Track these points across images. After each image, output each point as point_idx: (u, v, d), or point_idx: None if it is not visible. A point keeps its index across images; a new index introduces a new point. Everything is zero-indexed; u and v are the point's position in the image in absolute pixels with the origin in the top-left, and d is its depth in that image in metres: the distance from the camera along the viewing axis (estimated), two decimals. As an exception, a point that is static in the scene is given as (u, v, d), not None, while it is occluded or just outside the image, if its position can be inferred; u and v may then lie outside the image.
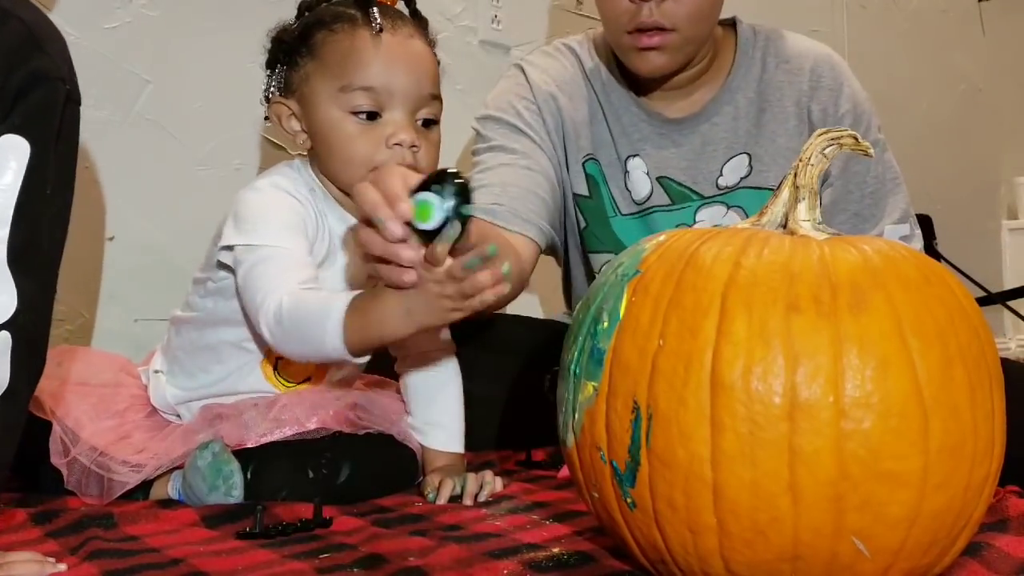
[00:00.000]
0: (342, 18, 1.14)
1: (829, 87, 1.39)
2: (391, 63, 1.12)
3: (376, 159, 1.11)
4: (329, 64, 1.13)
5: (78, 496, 1.12)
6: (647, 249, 0.77)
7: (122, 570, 0.84)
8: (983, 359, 0.71)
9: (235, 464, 1.07)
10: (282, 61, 1.18)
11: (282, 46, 1.18)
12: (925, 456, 0.66)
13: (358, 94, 1.11)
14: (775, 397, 0.66)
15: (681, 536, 0.70)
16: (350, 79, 1.11)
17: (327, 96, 1.13)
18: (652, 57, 1.29)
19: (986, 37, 3.05)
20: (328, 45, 1.14)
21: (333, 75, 1.13)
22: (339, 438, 1.13)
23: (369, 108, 1.11)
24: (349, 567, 0.83)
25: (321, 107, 1.13)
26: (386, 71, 1.12)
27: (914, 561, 0.69)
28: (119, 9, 1.56)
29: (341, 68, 1.12)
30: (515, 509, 1.03)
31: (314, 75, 1.14)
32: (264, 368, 1.18)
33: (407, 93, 1.12)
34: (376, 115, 1.12)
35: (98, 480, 1.12)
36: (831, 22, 2.61)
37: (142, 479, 1.11)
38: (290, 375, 1.18)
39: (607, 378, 0.73)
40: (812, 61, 1.40)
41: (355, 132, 1.12)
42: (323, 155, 1.15)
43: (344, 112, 1.12)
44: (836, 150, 0.78)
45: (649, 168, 1.39)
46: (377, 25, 1.12)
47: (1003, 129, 3.13)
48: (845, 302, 0.68)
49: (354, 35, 1.13)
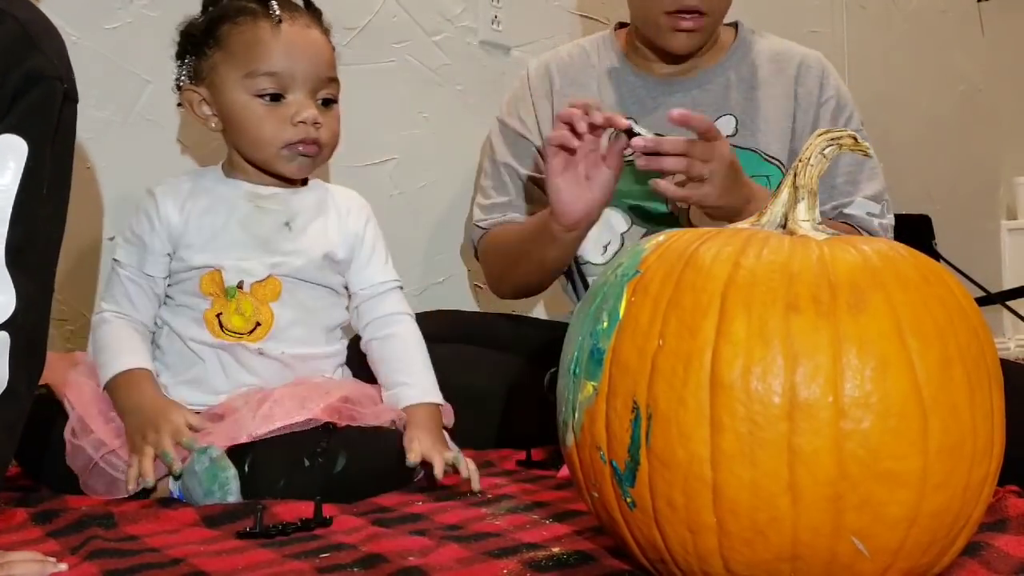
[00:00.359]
0: (244, 11, 1.25)
1: (816, 75, 1.49)
2: (291, 50, 1.24)
3: (283, 137, 1.25)
4: (235, 53, 1.24)
5: (80, 484, 1.14)
6: (647, 249, 0.77)
7: (122, 570, 0.84)
8: (982, 359, 0.71)
9: (232, 471, 1.09)
10: (191, 52, 1.29)
11: (190, 38, 1.29)
12: (924, 456, 0.66)
13: (262, 79, 1.23)
14: (774, 397, 0.66)
15: (681, 536, 0.70)
16: (254, 66, 1.23)
17: (234, 82, 1.24)
18: (687, 38, 1.42)
19: (985, 37, 3.04)
20: (233, 36, 1.25)
21: (238, 63, 1.24)
22: (333, 430, 1.14)
23: (273, 91, 1.24)
24: (349, 567, 0.83)
25: (229, 93, 1.25)
26: (287, 57, 1.24)
27: (913, 561, 0.69)
28: (119, 9, 1.56)
29: (245, 56, 1.24)
30: (515, 509, 1.03)
31: (221, 64, 1.25)
32: (209, 321, 1.25)
33: (307, 76, 1.25)
34: (280, 97, 1.25)
35: (102, 475, 1.14)
36: (831, 22, 2.61)
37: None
38: (234, 327, 1.24)
39: (607, 378, 0.73)
40: (801, 56, 1.52)
41: (262, 113, 1.24)
42: (234, 136, 1.28)
43: (250, 96, 1.24)
44: (836, 150, 0.78)
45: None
46: (276, 16, 1.24)
47: (1003, 129, 3.12)
48: (844, 302, 0.68)
49: (256, 26, 1.24)
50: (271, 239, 1.28)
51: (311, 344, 1.28)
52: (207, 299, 1.25)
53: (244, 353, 1.24)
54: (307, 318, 1.28)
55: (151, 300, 1.28)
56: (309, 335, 1.28)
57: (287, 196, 1.32)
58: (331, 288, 1.32)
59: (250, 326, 1.25)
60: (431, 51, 1.88)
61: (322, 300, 1.30)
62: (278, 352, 1.25)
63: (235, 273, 1.25)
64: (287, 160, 1.27)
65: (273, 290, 1.26)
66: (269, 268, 1.26)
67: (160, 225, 1.27)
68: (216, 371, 1.24)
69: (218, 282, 1.25)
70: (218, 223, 1.27)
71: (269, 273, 1.26)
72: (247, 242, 1.26)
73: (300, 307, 1.27)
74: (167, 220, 1.27)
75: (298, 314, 1.27)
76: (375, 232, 1.36)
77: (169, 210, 1.28)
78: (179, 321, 1.26)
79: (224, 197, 1.30)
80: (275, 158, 1.27)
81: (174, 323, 1.27)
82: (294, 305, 1.27)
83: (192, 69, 1.29)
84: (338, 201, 1.35)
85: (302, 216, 1.31)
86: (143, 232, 1.28)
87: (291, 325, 1.26)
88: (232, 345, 1.24)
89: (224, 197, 1.30)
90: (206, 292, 1.25)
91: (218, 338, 1.24)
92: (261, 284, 1.25)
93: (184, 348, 1.26)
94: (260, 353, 1.24)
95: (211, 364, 1.24)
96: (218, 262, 1.25)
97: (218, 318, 1.24)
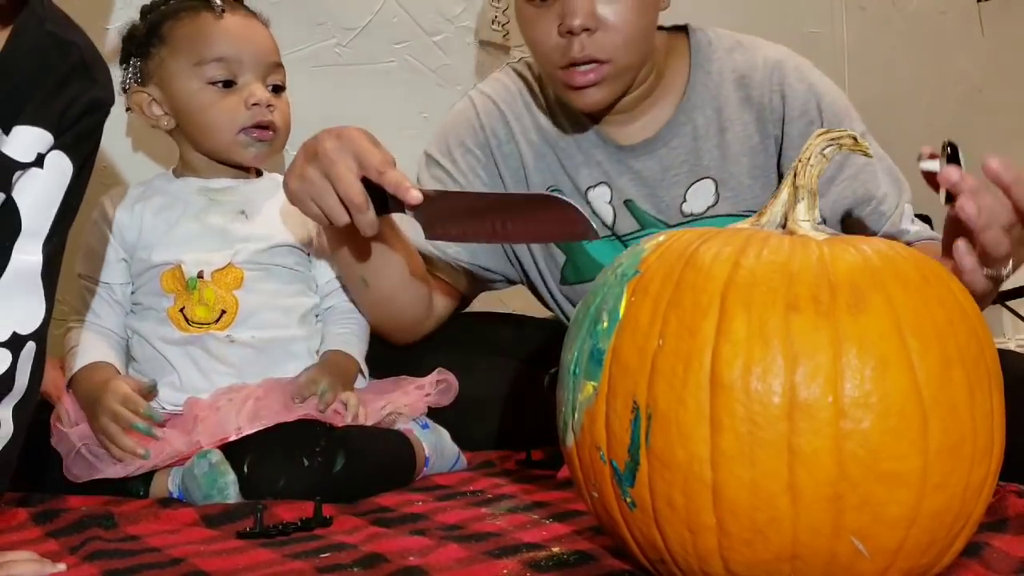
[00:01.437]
0: (185, 8, 1.28)
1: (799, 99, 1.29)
2: (237, 36, 1.27)
3: (238, 120, 1.26)
4: (181, 47, 1.27)
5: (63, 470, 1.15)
6: (646, 250, 0.77)
7: (122, 570, 0.84)
8: (982, 359, 0.71)
9: (231, 476, 1.09)
10: (135, 54, 1.31)
11: (133, 40, 1.31)
12: (924, 456, 0.67)
13: (212, 65, 1.25)
14: (774, 397, 0.66)
15: (680, 536, 0.70)
16: (202, 54, 1.25)
17: (184, 74, 1.26)
18: (589, 93, 1.23)
19: (985, 38, 3.04)
20: (177, 31, 1.27)
21: (186, 54, 1.26)
22: (332, 429, 1.14)
23: (224, 77, 1.26)
24: (349, 567, 0.83)
25: (180, 84, 1.27)
26: (234, 42, 1.27)
27: (913, 561, 0.69)
28: (120, 9, 1.56)
29: (192, 47, 1.26)
30: (515, 509, 1.03)
31: (168, 59, 1.27)
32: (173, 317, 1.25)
33: (256, 60, 1.28)
34: (231, 83, 1.27)
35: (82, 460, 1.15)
36: (831, 22, 2.61)
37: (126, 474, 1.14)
38: (199, 318, 1.25)
39: (606, 378, 0.73)
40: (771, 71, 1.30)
41: (215, 99, 1.26)
42: (188, 128, 1.29)
43: (202, 83, 1.26)
44: (836, 150, 0.78)
45: (612, 196, 1.33)
46: (219, 7, 1.27)
47: (1003, 129, 3.12)
48: (844, 302, 0.68)
49: (199, 18, 1.27)
50: (227, 228, 1.27)
51: (281, 327, 1.27)
52: (169, 296, 1.25)
53: (213, 343, 1.23)
54: (273, 302, 1.27)
55: (112, 308, 1.29)
56: (277, 318, 1.27)
57: (240, 186, 1.32)
58: (296, 271, 1.30)
59: (215, 315, 1.24)
60: (431, 51, 1.87)
61: (288, 286, 1.29)
62: (248, 337, 1.24)
63: (194, 265, 1.24)
64: (243, 146, 1.28)
65: (235, 278, 1.25)
66: (228, 257, 1.25)
67: (111, 231, 1.28)
68: (189, 368, 1.23)
69: (179, 277, 1.24)
70: (172, 219, 1.27)
71: (228, 261, 1.25)
72: (203, 233, 1.27)
73: (264, 293, 1.26)
74: (118, 225, 1.28)
75: (263, 299, 1.26)
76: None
77: (119, 215, 1.29)
78: (145, 325, 1.26)
79: (176, 195, 1.30)
80: (231, 144, 1.28)
81: (141, 328, 1.27)
82: (257, 291, 1.26)
83: (138, 71, 1.31)
84: None
85: (257, 203, 1.30)
86: (95, 241, 1.29)
87: (258, 310, 1.25)
88: (200, 336, 1.23)
89: (176, 195, 1.30)
90: (168, 290, 1.25)
91: (185, 332, 1.24)
92: (221, 272, 1.25)
93: (155, 352, 1.25)
94: (231, 341, 1.23)
95: (183, 361, 1.24)
96: (177, 257, 1.25)
97: (182, 312, 1.24)
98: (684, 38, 1.35)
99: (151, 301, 1.26)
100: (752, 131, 1.31)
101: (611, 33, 1.20)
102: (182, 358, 1.24)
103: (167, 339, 1.24)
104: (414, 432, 1.24)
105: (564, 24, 1.18)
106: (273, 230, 1.29)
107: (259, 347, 1.24)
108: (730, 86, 1.31)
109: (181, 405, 1.21)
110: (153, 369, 1.25)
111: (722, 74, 1.31)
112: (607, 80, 1.22)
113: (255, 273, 1.26)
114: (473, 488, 1.15)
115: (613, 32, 1.20)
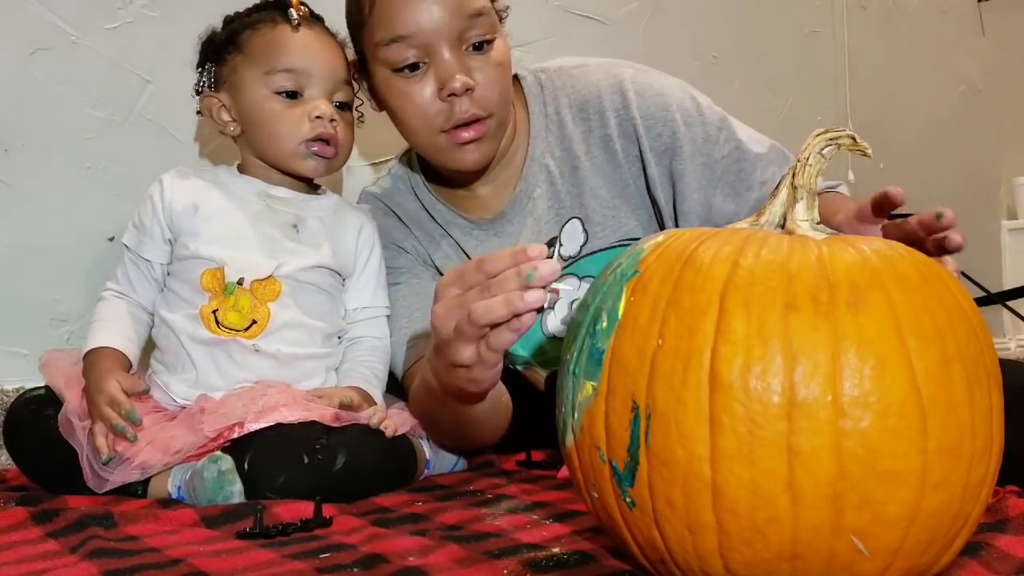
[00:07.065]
0: (264, 19, 1.32)
1: (647, 110, 1.30)
2: (308, 50, 1.30)
3: (300, 132, 1.29)
4: (255, 54, 1.30)
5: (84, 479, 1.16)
6: (645, 250, 0.77)
7: (122, 570, 0.84)
8: (981, 359, 0.71)
9: (238, 485, 1.10)
10: (211, 59, 1.34)
11: (211, 46, 1.34)
12: (923, 455, 0.66)
13: (281, 75, 1.28)
14: (773, 396, 0.66)
15: (680, 535, 0.70)
16: (273, 63, 1.29)
17: (254, 80, 1.29)
18: (473, 149, 1.25)
19: (986, 38, 3.04)
20: (253, 39, 1.31)
21: (258, 62, 1.29)
22: (332, 428, 1.14)
23: (291, 88, 1.29)
24: (349, 567, 0.83)
25: (249, 91, 1.30)
26: (304, 56, 1.29)
27: (913, 560, 0.69)
28: (120, 9, 1.56)
29: (265, 55, 1.29)
30: (515, 509, 1.03)
31: (242, 66, 1.31)
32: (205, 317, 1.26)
33: (323, 75, 1.30)
34: (297, 95, 1.29)
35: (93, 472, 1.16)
36: (831, 22, 2.61)
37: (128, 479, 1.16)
38: (230, 323, 1.26)
39: (606, 378, 0.73)
40: (609, 93, 1.31)
41: (280, 109, 1.29)
42: (252, 135, 1.32)
43: (269, 92, 1.29)
44: (835, 150, 0.78)
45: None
46: (296, 21, 1.31)
47: (1003, 129, 3.12)
48: (843, 301, 0.68)
49: (275, 29, 1.30)
50: (277, 239, 1.29)
51: (306, 345, 1.28)
52: (205, 295, 1.26)
53: (238, 350, 1.24)
54: (303, 320, 1.28)
55: (150, 284, 1.32)
56: (304, 337, 1.28)
57: (298, 199, 1.34)
58: (330, 293, 1.32)
59: (246, 323, 1.25)
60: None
61: (321, 306, 1.31)
62: (273, 349, 1.25)
63: (237, 269, 1.25)
64: (303, 158, 1.30)
65: (273, 290, 1.26)
66: (271, 268, 1.26)
67: (162, 211, 1.29)
68: (209, 368, 1.24)
69: (219, 279, 1.26)
70: (226, 216, 1.29)
71: (271, 273, 1.26)
72: (254, 238, 1.28)
73: (298, 309, 1.27)
74: (170, 206, 1.30)
75: (294, 315, 1.27)
76: (379, 260, 1.38)
77: (174, 196, 1.30)
78: (175, 318, 1.27)
79: (236, 192, 1.32)
80: (292, 155, 1.30)
81: (170, 319, 1.27)
82: (291, 307, 1.27)
83: (212, 76, 1.34)
84: (351, 217, 1.36)
85: (311, 221, 1.32)
86: (145, 216, 1.31)
87: (287, 326, 1.26)
88: (227, 341, 1.25)
89: (236, 192, 1.32)
90: (206, 288, 1.26)
91: (214, 333, 1.25)
92: (262, 283, 1.26)
93: (180, 347, 1.26)
94: (256, 350, 1.25)
95: (205, 361, 1.25)
96: (222, 256, 1.26)
97: (214, 314, 1.25)
98: (518, 86, 1.37)
99: (187, 293, 1.27)
100: (602, 160, 1.32)
101: (486, 89, 1.23)
102: (205, 358, 1.25)
103: (194, 337, 1.26)
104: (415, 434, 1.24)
105: (446, 88, 1.21)
106: (320, 249, 1.31)
107: (282, 360, 1.26)
108: (570, 120, 1.34)
109: (192, 400, 1.22)
110: (174, 362, 1.27)
111: (559, 112, 1.34)
112: (488, 135, 1.26)
113: (293, 288, 1.28)
114: (473, 488, 1.15)
115: (488, 88, 1.24)
